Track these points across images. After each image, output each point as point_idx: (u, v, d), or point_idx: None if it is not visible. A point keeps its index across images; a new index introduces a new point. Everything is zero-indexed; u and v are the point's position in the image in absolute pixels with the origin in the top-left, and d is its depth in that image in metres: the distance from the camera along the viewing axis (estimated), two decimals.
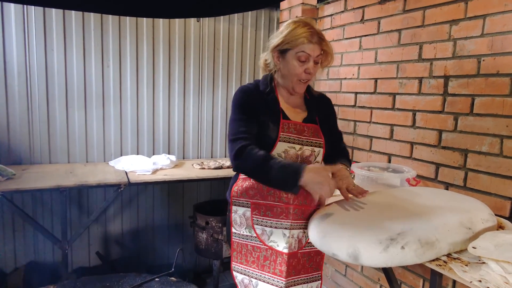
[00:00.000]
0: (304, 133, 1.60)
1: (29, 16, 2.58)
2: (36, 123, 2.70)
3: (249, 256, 1.65)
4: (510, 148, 1.73)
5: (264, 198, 1.58)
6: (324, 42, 1.54)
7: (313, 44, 1.51)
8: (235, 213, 1.67)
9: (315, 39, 1.51)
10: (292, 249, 1.59)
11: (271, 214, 1.59)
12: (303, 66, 1.53)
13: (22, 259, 2.78)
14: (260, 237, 1.61)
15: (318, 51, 1.53)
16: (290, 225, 1.57)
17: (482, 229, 1.39)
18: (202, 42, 3.19)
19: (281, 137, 1.54)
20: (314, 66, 1.55)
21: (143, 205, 3.15)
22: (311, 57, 1.52)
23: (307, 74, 1.55)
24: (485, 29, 1.82)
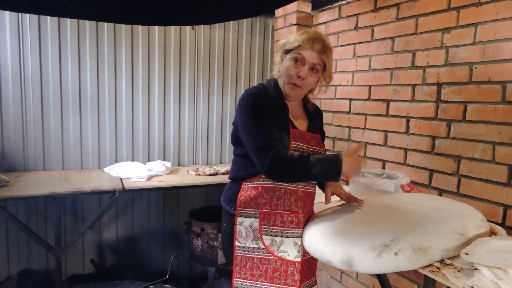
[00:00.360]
0: (311, 143, 1.60)
1: (24, 23, 2.59)
2: (31, 130, 2.69)
3: (256, 270, 1.57)
4: (502, 154, 1.75)
5: (274, 207, 1.54)
6: (325, 55, 1.51)
7: (313, 51, 1.49)
8: (240, 224, 1.57)
9: (317, 47, 1.48)
10: (301, 256, 1.59)
11: (281, 223, 1.54)
12: (296, 68, 1.51)
13: (15, 267, 2.76)
14: (268, 248, 1.55)
15: (316, 59, 1.50)
16: (301, 233, 1.57)
17: (474, 235, 1.41)
18: (198, 49, 3.21)
19: (292, 147, 1.52)
20: (310, 74, 1.52)
21: (138, 212, 3.14)
22: (306, 62, 1.50)
23: (298, 78, 1.51)
24: (477, 37, 1.85)
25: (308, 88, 1.59)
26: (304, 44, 1.48)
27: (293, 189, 1.55)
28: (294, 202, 1.55)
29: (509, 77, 1.71)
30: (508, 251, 1.27)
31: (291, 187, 1.55)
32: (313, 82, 1.56)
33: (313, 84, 1.57)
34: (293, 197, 1.55)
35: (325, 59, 1.51)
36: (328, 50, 1.52)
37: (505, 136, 1.74)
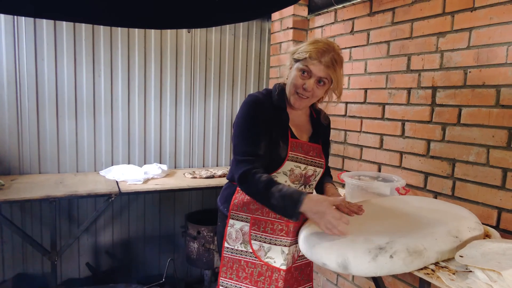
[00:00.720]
0: (309, 153, 1.59)
1: (19, 26, 2.59)
2: (26, 133, 2.68)
3: (241, 272, 1.60)
4: (496, 158, 1.77)
5: (266, 214, 1.56)
6: (333, 69, 1.44)
7: (320, 64, 1.43)
8: (231, 227, 1.61)
9: (325, 60, 1.43)
10: (288, 265, 1.59)
11: (271, 230, 1.56)
12: (303, 80, 1.48)
13: (10, 271, 2.74)
14: (256, 253, 1.58)
15: (323, 73, 1.44)
16: (290, 242, 1.57)
17: (469, 237, 1.41)
18: (194, 52, 3.22)
19: (289, 156, 1.52)
20: (317, 86, 1.48)
21: (134, 215, 3.13)
22: (313, 75, 1.46)
23: (304, 90, 1.48)
24: (471, 42, 1.87)
25: (315, 99, 1.56)
26: (312, 56, 1.43)
27: None
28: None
29: (503, 81, 1.73)
30: (502, 253, 1.28)
31: None
32: (319, 94, 1.53)
33: (319, 95, 1.55)
34: None
35: (331, 74, 1.45)
36: (337, 64, 1.46)
37: (499, 140, 1.75)
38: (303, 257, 1.69)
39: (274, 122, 1.51)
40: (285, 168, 1.53)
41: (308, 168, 1.58)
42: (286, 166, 1.53)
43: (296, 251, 1.64)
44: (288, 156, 1.52)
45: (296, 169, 1.55)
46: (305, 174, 1.58)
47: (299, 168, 1.55)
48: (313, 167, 1.60)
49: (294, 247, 1.63)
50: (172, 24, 2.36)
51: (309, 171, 1.59)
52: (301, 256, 1.68)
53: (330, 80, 1.49)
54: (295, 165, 1.55)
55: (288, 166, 1.54)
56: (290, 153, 1.53)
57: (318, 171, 1.63)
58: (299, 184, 1.58)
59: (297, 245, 1.62)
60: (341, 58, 1.50)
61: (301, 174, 1.57)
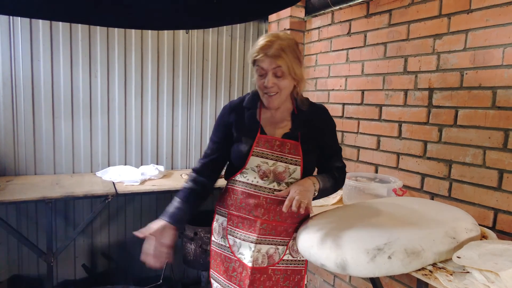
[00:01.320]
0: (278, 149, 1.53)
1: (15, 26, 2.57)
2: (22, 134, 2.66)
3: (221, 265, 1.67)
4: (492, 159, 1.78)
5: (238, 210, 1.59)
6: (281, 58, 1.43)
7: (267, 57, 1.43)
8: (216, 221, 1.70)
9: (271, 52, 1.43)
10: (258, 263, 1.56)
11: (242, 226, 1.59)
12: (262, 79, 1.48)
13: (6, 273, 2.72)
14: (231, 247, 1.62)
15: (273, 64, 1.44)
16: (256, 239, 1.55)
17: (466, 238, 1.42)
18: (191, 53, 3.21)
19: (253, 151, 1.53)
20: (277, 79, 1.46)
21: (131, 216, 3.12)
22: (266, 71, 1.46)
23: (267, 88, 1.48)
24: (468, 44, 1.88)
25: (285, 92, 1.51)
26: (259, 54, 1.45)
27: (255, 194, 1.55)
28: (254, 207, 1.54)
29: (499, 83, 1.74)
30: (499, 254, 1.29)
31: (253, 192, 1.55)
32: (286, 85, 1.49)
33: (286, 86, 1.49)
34: (253, 202, 1.54)
35: (281, 62, 1.43)
36: (284, 51, 1.43)
37: (495, 141, 1.76)
38: (291, 262, 1.64)
39: (241, 122, 1.58)
40: (252, 164, 1.54)
41: (278, 164, 1.53)
42: (252, 162, 1.53)
43: (277, 253, 1.60)
44: (252, 151, 1.53)
45: (263, 165, 1.53)
46: (274, 171, 1.53)
47: (266, 164, 1.53)
48: (283, 163, 1.53)
49: (274, 248, 1.58)
50: (169, 25, 2.35)
51: (278, 168, 1.53)
52: (287, 260, 1.62)
53: (287, 68, 1.45)
54: (262, 160, 1.53)
55: (254, 161, 1.53)
56: (254, 149, 1.53)
57: (293, 168, 1.53)
58: (268, 181, 1.53)
59: (278, 247, 1.59)
60: (289, 42, 1.47)
61: (269, 171, 1.53)
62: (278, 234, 1.58)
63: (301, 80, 1.54)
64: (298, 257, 1.64)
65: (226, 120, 1.61)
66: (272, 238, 1.58)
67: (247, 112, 1.59)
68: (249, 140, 1.54)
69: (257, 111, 1.59)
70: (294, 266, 1.65)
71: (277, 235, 1.58)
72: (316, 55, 2.97)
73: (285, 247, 1.61)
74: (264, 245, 1.57)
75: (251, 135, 1.55)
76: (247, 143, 1.54)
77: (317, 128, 1.60)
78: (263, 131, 1.56)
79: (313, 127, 1.59)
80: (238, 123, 1.59)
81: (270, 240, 1.57)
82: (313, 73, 3.01)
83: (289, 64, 1.45)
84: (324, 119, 1.65)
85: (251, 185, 1.55)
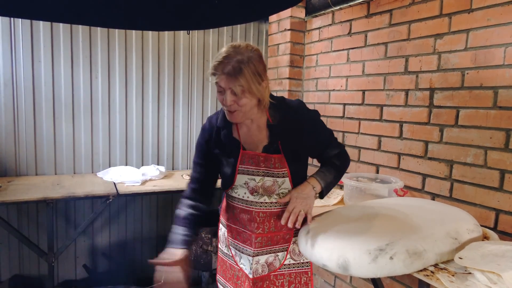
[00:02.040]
0: (263, 164, 1.48)
1: (16, 27, 2.57)
2: (23, 135, 2.67)
3: (227, 272, 1.69)
4: (493, 159, 1.77)
5: (234, 223, 1.59)
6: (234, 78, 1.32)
7: (223, 75, 1.34)
8: (220, 230, 1.73)
9: (226, 70, 1.33)
10: (259, 273, 1.56)
11: (240, 238, 1.59)
12: (221, 96, 1.39)
13: (6, 273, 2.72)
14: (234, 257, 1.64)
15: (230, 83, 1.34)
16: (253, 252, 1.54)
17: (468, 239, 1.42)
18: (192, 54, 3.21)
19: (239, 169, 1.50)
20: (235, 97, 1.36)
21: (132, 217, 3.12)
22: (224, 89, 1.36)
23: (226, 106, 1.39)
24: (469, 43, 1.88)
25: (246, 107, 1.39)
26: (216, 70, 1.35)
27: (247, 209, 1.53)
28: (248, 222, 1.53)
29: (501, 83, 1.74)
30: (501, 255, 1.28)
31: (245, 207, 1.53)
32: (246, 103, 1.38)
33: (248, 103, 1.38)
34: (247, 217, 1.53)
35: (237, 82, 1.33)
36: (240, 70, 1.32)
37: (496, 141, 1.76)
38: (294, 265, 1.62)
39: (220, 142, 1.53)
40: (240, 182, 1.51)
41: (266, 179, 1.49)
42: (240, 180, 1.51)
43: (277, 259, 1.59)
44: (237, 170, 1.49)
45: (250, 181, 1.50)
46: (263, 186, 1.49)
47: (253, 181, 1.49)
48: (271, 177, 1.49)
49: (273, 256, 1.58)
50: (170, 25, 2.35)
51: (266, 183, 1.49)
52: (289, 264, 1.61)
53: (242, 88, 1.35)
54: (249, 177, 1.50)
55: (242, 179, 1.50)
56: (239, 167, 1.49)
57: (281, 181, 1.49)
58: (258, 196, 1.50)
59: (277, 254, 1.58)
60: (248, 56, 1.35)
61: (258, 186, 1.49)
62: (275, 243, 1.57)
63: (262, 96, 1.42)
64: (301, 259, 1.63)
65: (206, 141, 1.56)
66: (270, 248, 1.57)
67: (223, 131, 1.52)
68: (232, 160, 1.50)
69: (233, 127, 1.53)
70: (297, 269, 1.63)
71: (274, 244, 1.57)
72: (317, 55, 2.96)
73: (285, 253, 1.60)
74: (262, 255, 1.56)
75: (233, 154, 1.50)
76: (230, 163, 1.51)
77: (297, 129, 1.51)
78: (244, 148, 1.51)
79: (293, 130, 1.50)
80: (218, 143, 1.54)
81: (268, 250, 1.57)
82: (313, 73, 3.00)
83: (245, 83, 1.34)
84: (302, 116, 1.52)
85: (243, 200, 1.53)
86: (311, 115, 1.55)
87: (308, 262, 1.65)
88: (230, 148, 1.51)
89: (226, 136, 1.52)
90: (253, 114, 1.46)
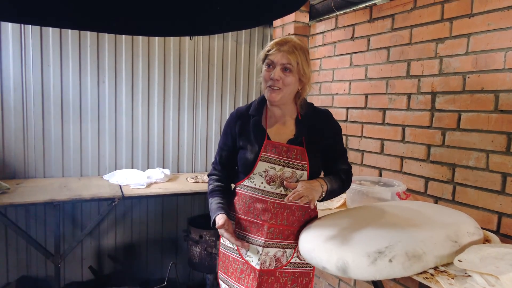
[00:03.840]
0: (285, 155, 1.56)
1: (26, 33, 2.63)
2: (31, 138, 2.72)
3: (230, 267, 1.70)
4: (495, 162, 1.78)
5: (246, 214, 1.62)
6: (293, 54, 1.49)
7: (279, 52, 1.49)
8: None
9: (284, 48, 1.49)
10: (266, 266, 1.59)
11: (250, 229, 1.61)
12: (269, 72, 1.52)
13: (14, 274, 2.77)
14: (239, 250, 1.65)
15: (285, 59, 1.49)
16: (264, 242, 1.57)
17: (468, 242, 1.43)
18: (197, 59, 3.25)
19: (261, 157, 1.56)
20: (284, 74, 1.50)
21: (137, 219, 3.15)
22: (276, 64, 1.50)
23: (273, 81, 1.50)
24: (470, 48, 1.89)
25: (288, 89, 1.53)
26: (272, 49, 1.51)
27: (263, 199, 1.57)
28: (262, 212, 1.57)
29: (502, 87, 1.75)
30: (500, 258, 1.29)
31: (261, 197, 1.58)
32: (291, 82, 1.52)
33: (291, 84, 1.52)
34: (261, 206, 1.57)
35: (292, 58, 1.49)
36: (297, 50, 1.50)
37: (498, 145, 1.77)
38: (299, 265, 1.66)
39: (247, 130, 1.62)
40: (260, 169, 1.56)
41: (285, 169, 1.56)
42: (260, 167, 1.56)
43: (285, 256, 1.62)
44: (260, 157, 1.56)
45: (270, 170, 1.56)
46: (282, 176, 1.56)
47: (273, 170, 1.55)
48: (291, 169, 1.56)
49: (282, 251, 1.61)
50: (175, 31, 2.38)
51: (286, 173, 1.56)
52: (295, 263, 1.65)
53: (296, 65, 1.50)
54: (269, 166, 1.56)
55: (262, 167, 1.56)
56: (262, 154, 1.56)
57: (300, 173, 1.56)
58: (275, 186, 1.56)
59: (285, 250, 1.62)
60: (301, 45, 1.54)
61: (277, 176, 1.56)
62: (285, 237, 1.60)
63: (307, 81, 1.58)
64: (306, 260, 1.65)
65: (232, 128, 1.66)
66: (280, 242, 1.60)
67: (252, 119, 1.62)
68: (256, 147, 1.57)
69: (263, 117, 1.63)
70: (302, 268, 1.67)
71: (285, 238, 1.60)
72: (320, 59, 2.99)
73: (292, 250, 1.63)
74: (272, 248, 1.59)
75: (258, 141, 1.58)
76: (254, 150, 1.57)
77: (321, 132, 1.63)
78: (269, 137, 1.59)
79: (317, 131, 1.62)
80: (244, 131, 1.62)
81: (278, 243, 1.60)
82: (317, 77, 3.03)
83: (299, 61, 1.50)
84: (328, 123, 1.67)
85: (259, 190, 1.58)
86: (337, 125, 1.70)
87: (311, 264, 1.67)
88: (256, 135, 1.59)
89: (255, 123, 1.61)
90: (289, 100, 1.60)
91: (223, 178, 1.73)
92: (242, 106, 1.72)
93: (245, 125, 1.63)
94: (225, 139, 1.70)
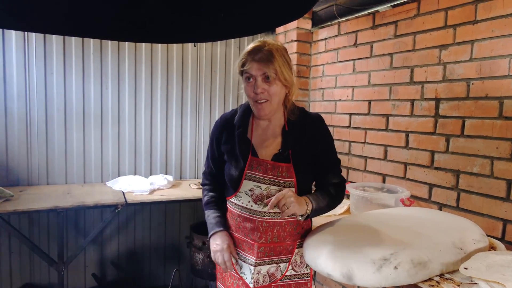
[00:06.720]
0: (270, 172, 1.47)
1: (30, 40, 2.65)
2: (35, 145, 2.73)
3: (227, 280, 1.67)
4: (500, 169, 1.77)
5: (237, 231, 1.58)
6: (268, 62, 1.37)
7: (254, 62, 1.39)
8: None
9: (258, 57, 1.38)
10: (260, 283, 1.55)
11: (242, 247, 1.57)
12: (251, 86, 1.42)
13: (17, 281, 2.76)
14: (234, 266, 1.60)
15: (262, 69, 1.38)
16: (255, 262, 1.53)
17: (473, 249, 1.42)
18: (200, 65, 3.27)
19: (246, 175, 1.48)
20: (267, 84, 1.40)
21: (140, 226, 3.15)
22: (255, 76, 1.40)
23: (257, 95, 1.41)
24: (474, 54, 1.89)
25: (276, 98, 1.43)
26: (246, 60, 1.41)
27: (250, 218, 1.52)
28: (251, 231, 1.52)
29: (506, 93, 1.75)
30: (506, 265, 1.28)
31: (249, 216, 1.52)
32: (276, 91, 1.42)
33: (277, 92, 1.42)
34: (250, 226, 1.52)
35: (270, 68, 1.38)
36: (272, 55, 1.38)
37: (503, 151, 1.76)
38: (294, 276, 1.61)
39: (231, 141, 1.53)
40: (245, 188, 1.50)
41: (271, 188, 1.47)
42: (246, 186, 1.49)
43: (279, 270, 1.58)
44: (244, 175, 1.48)
45: (256, 189, 1.48)
46: (268, 194, 1.47)
47: (259, 188, 1.48)
48: (277, 186, 1.47)
49: (275, 266, 1.57)
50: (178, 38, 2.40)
51: (272, 191, 1.47)
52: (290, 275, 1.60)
53: (276, 73, 1.39)
54: (255, 184, 1.48)
55: (248, 185, 1.49)
56: (247, 172, 1.48)
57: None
58: (262, 205, 1.49)
59: (279, 265, 1.57)
60: (277, 47, 1.42)
61: (263, 195, 1.48)
62: (277, 254, 1.56)
63: (292, 86, 1.47)
64: (302, 270, 1.62)
65: (218, 138, 1.60)
66: (272, 258, 1.56)
67: (237, 131, 1.53)
68: (241, 163, 1.49)
69: (248, 129, 1.54)
70: (298, 280, 1.63)
71: (277, 254, 1.56)
72: (323, 65, 2.99)
73: (287, 264, 1.59)
74: (264, 265, 1.55)
75: (243, 156, 1.49)
76: (238, 166, 1.49)
77: (311, 141, 1.52)
78: (254, 152, 1.50)
79: (306, 141, 1.51)
80: (229, 142, 1.54)
81: (270, 260, 1.56)
82: (320, 83, 3.03)
83: (278, 68, 1.39)
84: (319, 130, 1.55)
85: (246, 208, 1.52)
86: (328, 133, 1.59)
87: (308, 274, 1.65)
88: (240, 149, 1.50)
89: (240, 135, 1.52)
90: (278, 110, 1.51)
91: (215, 188, 1.69)
92: (227, 112, 1.64)
93: (230, 136, 1.55)
94: (211, 151, 1.64)
